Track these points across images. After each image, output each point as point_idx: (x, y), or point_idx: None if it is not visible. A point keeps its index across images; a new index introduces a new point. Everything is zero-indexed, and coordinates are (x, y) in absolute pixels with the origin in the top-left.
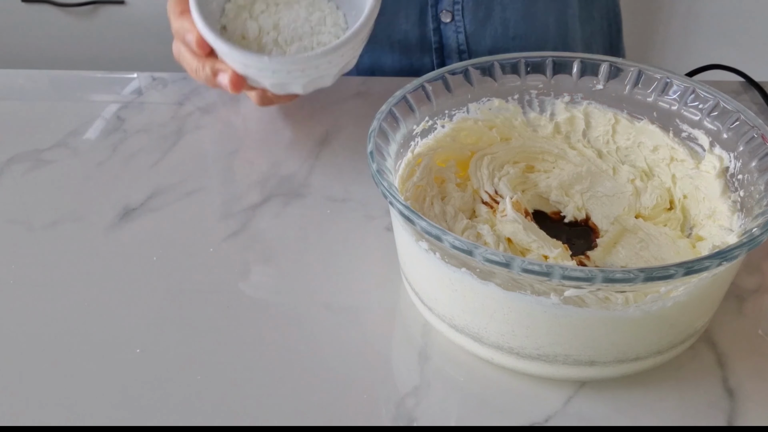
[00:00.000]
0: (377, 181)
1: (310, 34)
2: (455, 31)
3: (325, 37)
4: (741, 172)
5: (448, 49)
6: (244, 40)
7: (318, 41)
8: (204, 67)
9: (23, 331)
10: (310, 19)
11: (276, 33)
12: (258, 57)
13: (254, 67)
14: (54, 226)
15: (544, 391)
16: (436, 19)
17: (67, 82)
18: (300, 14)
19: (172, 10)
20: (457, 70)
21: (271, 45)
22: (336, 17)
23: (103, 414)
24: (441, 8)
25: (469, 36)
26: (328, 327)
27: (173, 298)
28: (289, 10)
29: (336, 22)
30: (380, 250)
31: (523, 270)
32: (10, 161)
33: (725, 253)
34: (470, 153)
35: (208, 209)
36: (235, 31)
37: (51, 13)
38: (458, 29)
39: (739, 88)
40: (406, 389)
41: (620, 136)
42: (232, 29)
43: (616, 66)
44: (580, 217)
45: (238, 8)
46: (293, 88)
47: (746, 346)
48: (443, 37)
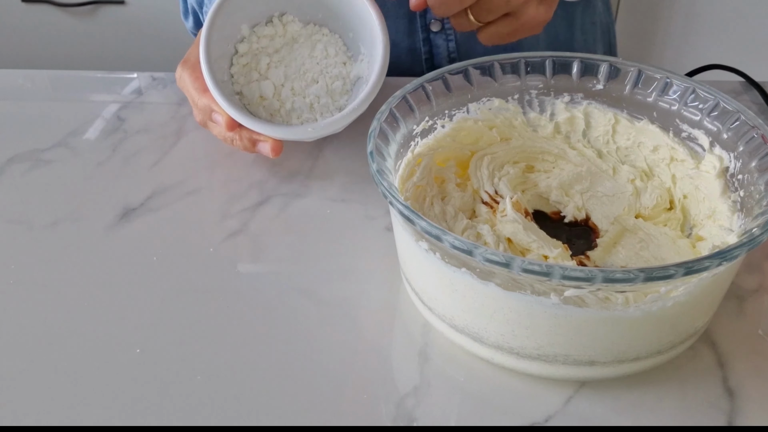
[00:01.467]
0: (377, 181)
1: (320, 72)
2: (445, 40)
3: (333, 69)
4: (741, 172)
5: (439, 58)
6: (264, 101)
7: (330, 75)
8: (242, 138)
9: (23, 331)
10: (313, 55)
11: (290, 83)
12: (302, 130)
13: (297, 137)
14: (54, 226)
15: (544, 391)
16: (425, 29)
17: (67, 82)
18: (303, 53)
19: (193, 86)
20: (457, 70)
21: (291, 97)
22: (335, 44)
23: (103, 414)
24: (430, 18)
25: (459, 45)
26: (328, 327)
27: (173, 298)
28: (291, 53)
29: (337, 49)
30: (380, 250)
31: (523, 270)
32: (10, 161)
33: (725, 253)
34: (470, 153)
35: (208, 209)
36: (253, 96)
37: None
38: (448, 38)
39: (739, 88)
40: (406, 389)
41: (620, 136)
42: (248, 93)
43: (616, 66)
44: (580, 217)
45: (245, 69)
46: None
47: (746, 346)
48: (433, 46)
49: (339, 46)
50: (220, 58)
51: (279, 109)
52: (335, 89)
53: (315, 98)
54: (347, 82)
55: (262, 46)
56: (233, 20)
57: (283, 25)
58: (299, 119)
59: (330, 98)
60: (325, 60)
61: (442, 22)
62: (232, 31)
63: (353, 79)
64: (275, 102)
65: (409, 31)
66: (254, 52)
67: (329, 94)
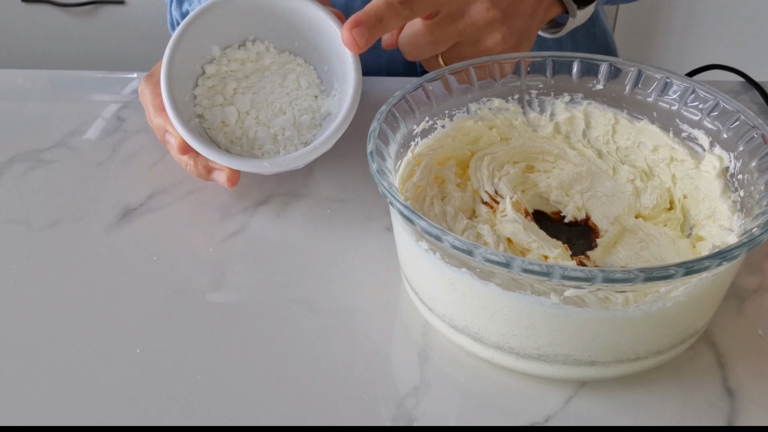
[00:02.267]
0: (377, 181)
1: (289, 103)
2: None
3: (303, 101)
4: (741, 172)
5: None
6: (226, 126)
7: (299, 107)
8: (197, 164)
9: (23, 331)
10: (284, 84)
11: (256, 111)
12: (257, 163)
13: (254, 170)
14: (54, 226)
15: (544, 391)
16: None
17: (67, 82)
18: (274, 81)
19: (152, 103)
20: (457, 70)
21: (254, 126)
22: (308, 74)
23: (103, 414)
24: None
25: None
26: (328, 327)
27: (173, 298)
28: (262, 80)
29: (310, 80)
30: (380, 250)
31: (523, 270)
32: (10, 161)
33: (725, 253)
34: (470, 153)
35: (208, 209)
36: (215, 120)
37: (51, 13)
38: None
39: (739, 88)
40: (406, 389)
41: (620, 136)
42: (210, 117)
43: (616, 66)
44: (580, 217)
45: (210, 92)
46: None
47: (746, 346)
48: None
49: (312, 79)
50: (185, 78)
51: (240, 137)
52: (303, 123)
53: (280, 130)
54: (317, 116)
55: (231, 69)
56: (203, 39)
57: (256, 51)
58: (260, 150)
59: (296, 131)
60: (296, 91)
61: None
62: (200, 51)
63: (323, 114)
64: (237, 129)
65: None
66: (222, 75)
67: (296, 127)
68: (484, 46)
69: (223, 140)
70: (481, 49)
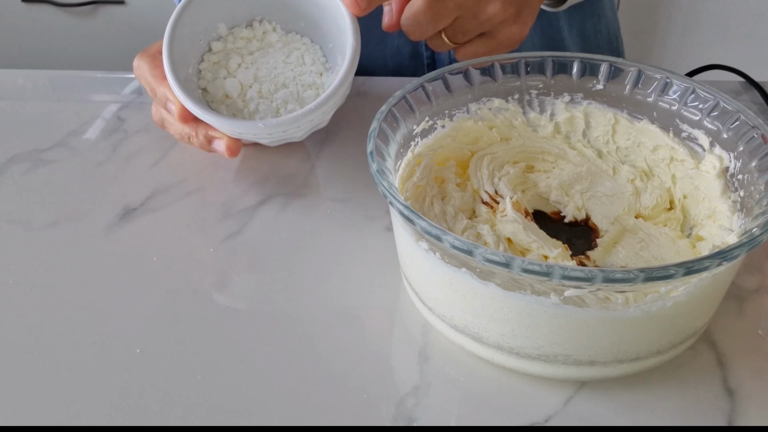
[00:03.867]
0: (377, 181)
1: (292, 78)
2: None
3: (308, 77)
4: (741, 172)
5: (441, 63)
6: (228, 99)
7: (302, 83)
8: (197, 134)
9: (23, 331)
10: (288, 61)
11: (259, 85)
12: (251, 124)
13: (249, 133)
14: (54, 226)
15: (544, 391)
16: None
17: (67, 82)
18: (278, 58)
19: (151, 74)
20: (457, 70)
21: (256, 99)
22: (313, 52)
23: (103, 414)
24: None
25: None
26: (328, 327)
27: (173, 298)
28: (266, 56)
29: (315, 58)
30: (380, 250)
31: (523, 270)
32: (10, 161)
33: (725, 253)
34: (470, 153)
35: (208, 209)
36: (217, 93)
37: (51, 13)
38: None
39: (739, 88)
40: (406, 389)
41: (620, 136)
42: (213, 90)
43: (616, 66)
44: (580, 217)
45: (214, 67)
46: (292, 139)
47: (746, 346)
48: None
49: (317, 56)
50: (189, 51)
51: (242, 109)
52: (306, 98)
53: (282, 103)
54: (320, 92)
55: (237, 46)
56: (208, 15)
57: (263, 31)
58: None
59: (299, 106)
60: (299, 68)
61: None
62: (205, 26)
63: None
64: (239, 102)
65: None
66: (227, 51)
67: (299, 102)
68: (484, 16)
69: (225, 112)
70: (481, 20)
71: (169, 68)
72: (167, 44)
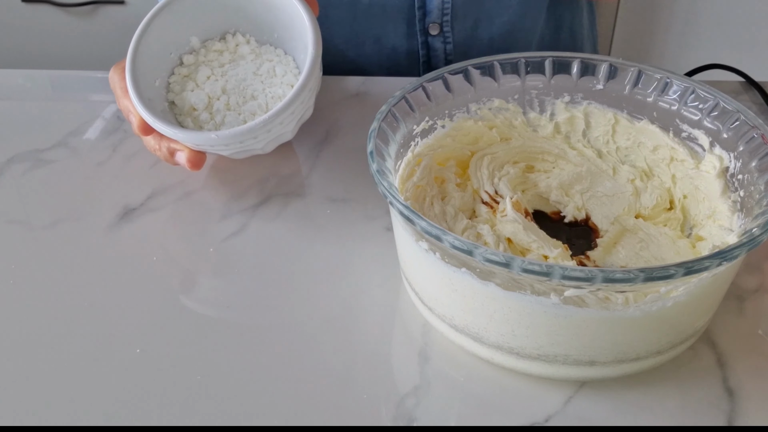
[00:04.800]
0: (377, 181)
1: (261, 90)
2: (443, 43)
3: (278, 89)
4: (741, 172)
5: (436, 60)
6: (195, 112)
7: (271, 95)
8: (160, 147)
9: (23, 331)
10: (258, 73)
11: (227, 96)
12: (205, 135)
13: (206, 144)
14: (54, 226)
15: (544, 391)
16: (423, 32)
17: (67, 82)
18: (248, 70)
19: (119, 86)
20: (457, 70)
21: (223, 111)
22: (286, 64)
23: (103, 414)
24: (429, 21)
25: (456, 48)
26: (328, 327)
27: (173, 298)
28: (236, 68)
29: (287, 69)
30: (380, 250)
31: (523, 270)
32: (10, 161)
33: (725, 253)
34: (470, 153)
35: (208, 209)
36: (183, 106)
37: (51, 13)
38: (446, 41)
39: (739, 88)
40: (406, 389)
41: (620, 136)
42: (180, 103)
43: (616, 66)
44: (580, 217)
45: (183, 80)
46: (254, 152)
47: (746, 346)
48: (431, 49)
49: (290, 67)
50: (156, 63)
51: (208, 122)
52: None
53: (250, 115)
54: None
55: (208, 59)
56: (178, 30)
57: (236, 43)
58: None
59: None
60: (270, 79)
61: (440, 26)
62: (176, 41)
63: None
64: (205, 114)
65: (408, 34)
66: (198, 63)
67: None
68: None
69: (191, 125)
70: None
71: (130, 80)
72: (130, 56)
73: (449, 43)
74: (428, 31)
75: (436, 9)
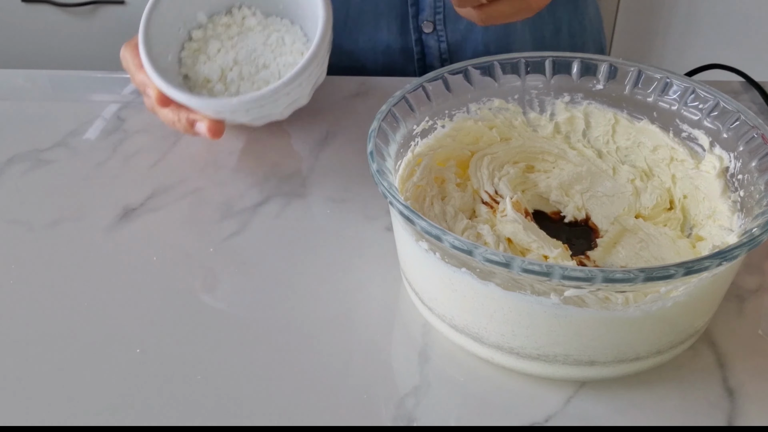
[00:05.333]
0: (377, 181)
1: (273, 59)
2: (437, 41)
3: (288, 57)
4: (741, 172)
5: (431, 58)
6: (209, 83)
7: (283, 63)
8: (180, 118)
9: (23, 331)
10: (268, 43)
11: (239, 67)
12: (226, 101)
13: (226, 110)
14: (54, 226)
15: (544, 391)
16: (417, 30)
17: (67, 82)
18: (257, 41)
19: (132, 62)
20: (457, 70)
21: (237, 80)
22: (293, 33)
23: (103, 414)
24: (422, 19)
25: (450, 45)
26: (328, 327)
27: (173, 298)
28: (245, 40)
29: (295, 38)
30: (380, 250)
31: (523, 270)
32: (10, 161)
33: (725, 253)
34: (470, 153)
35: (208, 209)
36: (198, 78)
37: (51, 13)
38: (440, 38)
39: (739, 88)
40: (406, 389)
41: (620, 136)
42: (193, 76)
43: (616, 66)
44: (580, 217)
45: (194, 53)
46: (272, 117)
47: (746, 346)
48: (425, 47)
49: (298, 36)
50: (168, 39)
51: (223, 93)
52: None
53: (264, 83)
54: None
55: (217, 33)
56: (185, 5)
57: (242, 16)
58: None
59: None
60: (279, 48)
61: (434, 24)
62: (184, 16)
63: None
64: (220, 85)
65: (402, 31)
66: (207, 38)
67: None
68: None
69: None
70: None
71: (144, 53)
72: (143, 30)
73: (443, 41)
74: (422, 29)
75: (428, 6)
